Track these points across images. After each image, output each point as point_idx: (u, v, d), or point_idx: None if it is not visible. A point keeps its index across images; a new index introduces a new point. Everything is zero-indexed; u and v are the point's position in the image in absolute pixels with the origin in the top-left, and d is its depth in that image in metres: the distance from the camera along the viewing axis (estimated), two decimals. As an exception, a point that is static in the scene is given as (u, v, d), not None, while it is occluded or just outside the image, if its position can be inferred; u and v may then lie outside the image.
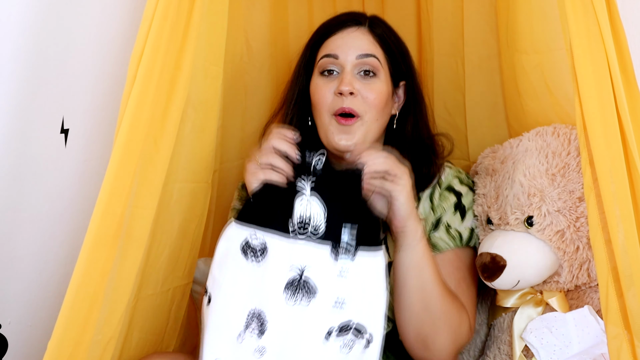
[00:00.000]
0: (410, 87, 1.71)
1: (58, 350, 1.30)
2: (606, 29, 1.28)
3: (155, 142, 1.34)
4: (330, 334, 1.35)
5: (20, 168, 1.63)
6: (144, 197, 1.34)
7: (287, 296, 1.36)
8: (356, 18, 1.67)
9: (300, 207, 1.40)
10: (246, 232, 1.39)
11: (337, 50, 1.63)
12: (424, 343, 1.52)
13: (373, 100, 1.61)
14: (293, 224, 1.39)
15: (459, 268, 1.64)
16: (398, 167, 1.46)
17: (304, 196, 1.40)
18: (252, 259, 1.39)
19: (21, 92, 1.60)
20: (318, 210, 1.39)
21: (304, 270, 1.37)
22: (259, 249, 1.39)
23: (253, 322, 1.37)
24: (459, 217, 1.66)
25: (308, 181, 1.41)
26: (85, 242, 1.30)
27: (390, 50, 1.67)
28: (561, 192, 1.58)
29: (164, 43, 1.31)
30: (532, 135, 1.68)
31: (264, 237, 1.39)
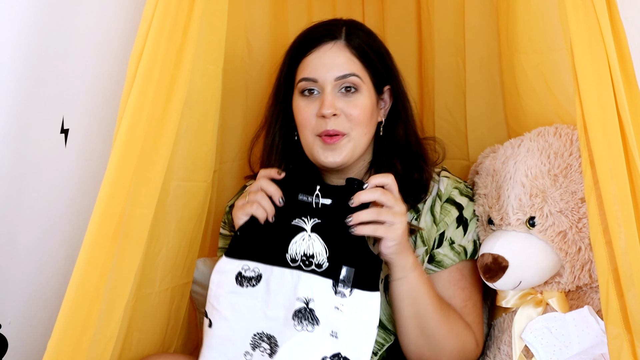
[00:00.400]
0: (395, 90, 1.69)
1: (58, 350, 1.30)
2: (606, 28, 1.28)
3: (154, 142, 1.34)
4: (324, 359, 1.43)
5: (20, 168, 1.63)
6: (143, 197, 1.34)
7: (296, 323, 1.44)
8: (332, 32, 1.63)
9: (303, 243, 1.47)
10: (238, 265, 1.49)
11: (314, 73, 1.60)
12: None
13: (357, 116, 1.60)
14: (295, 258, 1.46)
15: (465, 287, 1.65)
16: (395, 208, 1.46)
17: (305, 233, 1.47)
18: (248, 285, 1.48)
19: (21, 92, 1.60)
20: (320, 249, 1.46)
21: (309, 302, 1.44)
22: (254, 278, 1.48)
23: (262, 342, 1.46)
24: (461, 231, 1.65)
25: (310, 220, 1.47)
26: (84, 242, 1.30)
27: (370, 60, 1.64)
28: (563, 193, 1.57)
29: (163, 43, 1.31)
30: (534, 135, 1.68)
31: (257, 268, 1.48)
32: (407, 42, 2.08)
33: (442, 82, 1.98)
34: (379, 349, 1.63)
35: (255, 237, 1.49)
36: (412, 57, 2.08)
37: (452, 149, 1.97)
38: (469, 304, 1.64)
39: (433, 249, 1.64)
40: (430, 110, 2.02)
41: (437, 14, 1.95)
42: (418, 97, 2.09)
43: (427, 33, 1.99)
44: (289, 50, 1.69)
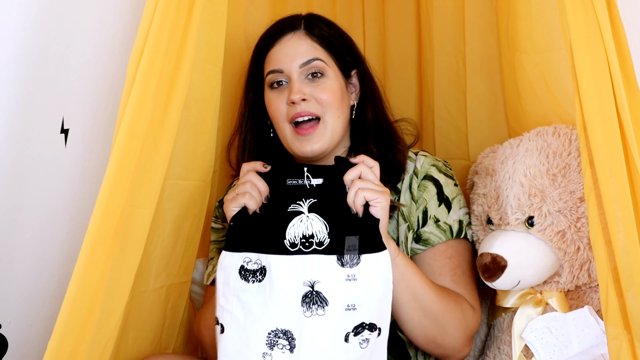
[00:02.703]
0: (361, 73, 1.71)
1: (58, 350, 1.30)
2: (606, 28, 1.28)
3: (154, 142, 1.34)
4: (347, 336, 1.42)
5: (20, 168, 1.63)
6: (143, 197, 1.34)
7: (305, 309, 1.42)
8: (291, 23, 1.67)
9: (301, 225, 1.45)
10: (239, 258, 1.46)
11: (279, 64, 1.63)
12: (435, 343, 1.57)
13: (327, 99, 1.62)
14: (294, 242, 1.45)
15: (452, 256, 1.65)
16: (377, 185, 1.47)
17: (303, 215, 1.46)
18: (254, 280, 1.45)
19: (21, 92, 1.60)
20: (320, 226, 1.45)
21: (314, 285, 1.43)
22: (258, 270, 1.45)
23: (279, 340, 1.43)
24: (444, 210, 1.66)
25: (306, 202, 1.46)
26: (85, 242, 1.30)
27: (332, 45, 1.66)
28: (562, 193, 1.57)
29: (163, 43, 1.31)
30: (533, 135, 1.68)
31: (259, 258, 1.46)
32: (407, 42, 2.08)
33: (442, 82, 1.98)
34: None
35: (251, 228, 1.47)
36: (412, 57, 2.08)
37: (452, 149, 1.97)
38: (457, 272, 1.64)
39: (418, 229, 1.65)
40: (430, 110, 2.02)
41: (436, 14, 1.95)
42: (417, 97, 2.09)
43: (426, 33, 1.99)
44: (253, 50, 1.71)
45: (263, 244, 1.46)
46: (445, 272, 1.63)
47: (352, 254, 1.43)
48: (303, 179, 1.47)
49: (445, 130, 1.99)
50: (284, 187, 1.48)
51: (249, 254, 1.46)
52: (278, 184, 1.48)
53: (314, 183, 1.47)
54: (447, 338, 1.56)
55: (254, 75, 1.70)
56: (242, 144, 1.71)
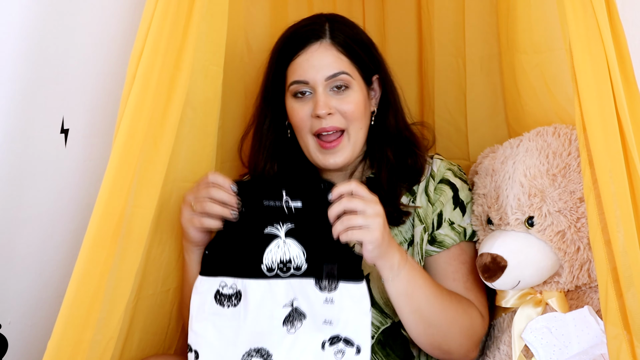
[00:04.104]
0: (382, 79, 1.72)
1: (58, 350, 1.30)
2: (606, 29, 1.28)
3: (154, 142, 1.34)
4: (324, 344, 1.43)
5: (20, 168, 1.63)
6: (143, 197, 1.34)
7: (288, 328, 1.45)
8: (316, 31, 1.65)
9: (278, 251, 1.45)
10: (215, 282, 1.46)
11: (305, 76, 1.63)
12: (440, 349, 1.57)
13: (352, 112, 1.63)
14: (271, 267, 1.44)
15: (466, 262, 1.66)
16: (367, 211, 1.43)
17: (280, 240, 1.45)
18: (229, 305, 1.46)
19: (21, 92, 1.60)
20: (298, 252, 1.45)
21: (293, 302, 1.45)
22: (233, 295, 1.46)
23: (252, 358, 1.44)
24: (459, 213, 1.67)
25: (283, 226, 1.45)
26: (84, 242, 1.30)
27: (357, 54, 1.66)
28: (562, 193, 1.57)
29: (163, 43, 1.31)
30: (533, 135, 1.68)
31: (234, 283, 1.46)
32: (407, 42, 2.08)
33: (442, 82, 1.98)
34: (375, 331, 1.65)
35: (227, 252, 1.46)
36: (412, 57, 2.08)
37: (452, 149, 1.97)
38: (470, 278, 1.65)
39: (433, 231, 1.65)
40: (430, 110, 2.02)
41: (437, 14, 1.95)
42: (418, 97, 2.09)
43: (427, 33, 1.99)
44: (275, 50, 1.71)
45: (239, 268, 1.46)
46: (458, 277, 1.63)
47: (330, 280, 1.43)
48: (281, 201, 1.45)
49: (445, 130, 1.99)
50: (261, 208, 1.46)
51: (224, 279, 1.46)
52: (254, 203, 1.46)
53: (293, 206, 1.45)
54: (452, 345, 1.57)
55: (275, 79, 1.70)
56: (258, 146, 1.71)
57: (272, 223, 1.45)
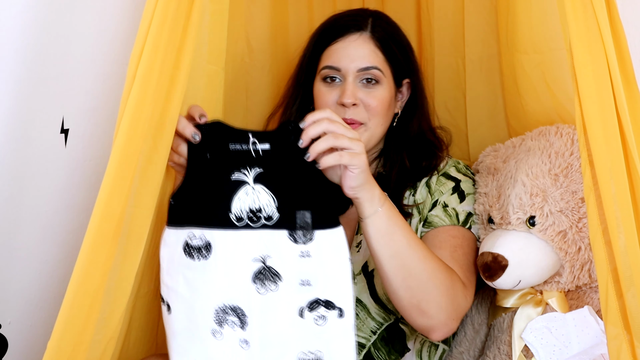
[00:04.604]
0: (414, 83, 1.73)
1: (58, 350, 1.29)
2: (606, 29, 1.27)
3: (154, 142, 1.33)
4: (302, 311, 1.36)
5: (20, 168, 1.63)
6: (143, 197, 1.34)
7: (257, 287, 1.36)
8: (358, 22, 1.67)
9: (247, 198, 1.37)
10: (183, 234, 1.38)
11: (338, 63, 1.65)
12: (419, 309, 1.48)
13: (375, 107, 1.64)
14: (240, 216, 1.36)
15: (456, 237, 1.63)
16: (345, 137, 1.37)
17: (248, 186, 1.37)
18: (199, 258, 1.38)
19: (21, 92, 1.60)
20: (268, 199, 1.36)
21: (265, 260, 1.36)
22: (203, 247, 1.38)
23: (228, 317, 1.37)
24: (456, 199, 1.67)
25: (251, 171, 1.37)
26: (84, 242, 1.30)
27: (393, 54, 1.67)
28: (564, 193, 1.57)
29: (163, 42, 1.30)
30: (535, 134, 1.68)
31: (203, 234, 1.37)
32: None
33: (442, 82, 1.98)
34: (378, 328, 1.65)
35: (193, 201, 1.37)
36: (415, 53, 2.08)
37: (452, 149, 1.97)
38: (458, 251, 1.61)
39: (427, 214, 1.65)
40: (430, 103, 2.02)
41: (437, 14, 1.95)
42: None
43: (426, 33, 1.99)
44: (314, 35, 1.73)
45: (207, 218, 1.37)
46: (445, 247, 1.59)
47: (305, 230, 1.36)
48: (247, 144, 1.37)
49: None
50: (227, 152, 1.37)
51: (192, 230, 1.37)
52: (219, 149, 1.38)
53: (260, 149, 1.37)
54: (432, 306, 1.48)
55: (309, 62, 1.71)
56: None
57: (239, 168, 1.37)
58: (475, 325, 1.76)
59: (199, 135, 1.37)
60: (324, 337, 1.36)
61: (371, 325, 1.65)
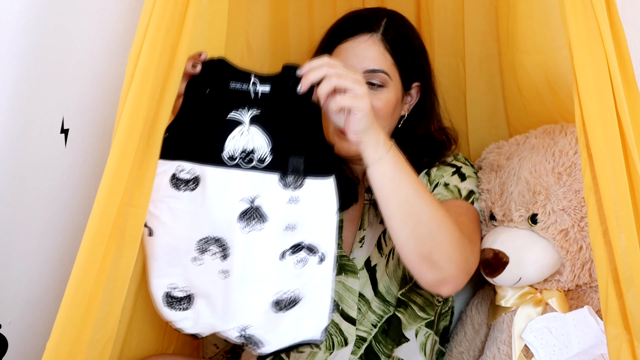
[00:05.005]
0: (424, 87, 1.71)
1: (57, 350, 1.29)
2: (606, 29, 1.27)
3: (147, 142, 1.33)
4: (284, 254, 1.37)
5: (20, 168, 1.63)
6: (139, 197, 1.34)
7: (242, 225, 1.36)
8: (370, 23, 1.65)
9: (241, 139, 1.36)
10: (172, 166, 1.38)
11: (346, 62, 1.60)
12: (430, 261, 1.43)
13: (379, 109, 1.61)
14: (233, 155, 1.36)
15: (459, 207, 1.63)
16: (348, 77, 1.35)
17: (243, 127, 1.36)
18: (185, 189, 1.38)
19: (21, 93, 1.60)
20: (262, 142, 1.36)
21: (254, 200, 1.36)
22: (191, 180, 1.38)
23: (210, 246, 1.38)
24: (457, 178, 1.66)
25: (247, 112, 1.37)
26: (83, 242, 1.30)
27: (402, 57, 1.65)
28: (567, 191, 1.57)
29: (160, 42, 1.30)
30: (539, 132, 1.68)
31: (193, 168, 1.38)
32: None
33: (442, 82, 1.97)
34: (379, 321, 1.66)
35: (187, 135, 1.37)
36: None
37: (452, 149, 1.98)
38: (463, 218, 1.60)
39: None
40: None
41: (436, 14, 1.95)
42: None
43: (426, 33, 1.99)
44: (328, 31, 1.71)
45: (199, 153, 1.37)
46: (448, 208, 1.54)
47: (296, 175, 1.35)
48: (248, 84, 1.36)
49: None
50: (226, 90, 1.36)
51: (182, 163, 1.38)
52: (219, 86, 1.37)
53: (260, 90, 1.36)
54: (442, 256, 1.43)
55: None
56: None
57: (236, 108, 1.36)
58: (475, 325, 1.76)
59: (198, 66, 1.37)
60: (302, 279, 1.38)
61: (372, 319, 1.66)
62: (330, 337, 1.65)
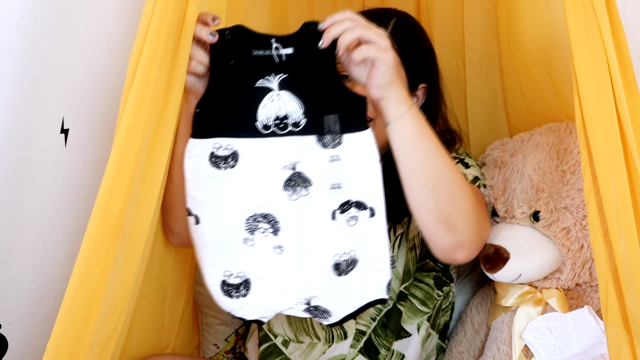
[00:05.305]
0: (430, 88, 1.70)
1: (57, 351, 1.29)
2: (606, 29, 1.27)
3: (152, 142, 1.34)
4: (334, 213, 1.37)
5: (20, 168, 1.63)
6: (143, 198, 1.34)
7: (289, 194, 1.36)
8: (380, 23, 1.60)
9: (273, 105, 1.35)
10: (208, 144, 1.37)
11: None
12: (448, 223, 1.43)
13: None
14: (267, 124, 1.35)
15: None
16: (372, 30, 1.34)
17: (273, 93, 1.35)
18: (225, 167, 1.37)
19: (21, 92, 1.60)
20: (294, 106, 1.35)
21: (295, 166, 1.35)
22: (229, 156, 1.36)
23: (259, 224, 1.36)
24: (461, 166, 1.66)
25: (275, 77, 1.35)
26: (84, 242, 1.30)
27: (410, 57, 1.64)
28: (570, 190, 1.58)
29: (161, 42, 1.30)
30: (545, 130, 1.69)
31: (229, 144, 1.36)
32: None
33: (442, 82, 1.98)
34: (377, 314, 1.66)
35: (219, 110, 1.36)
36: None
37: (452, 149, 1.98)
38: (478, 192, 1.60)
39: None
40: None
41: (437, 14, 1.95)
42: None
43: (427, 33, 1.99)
44: None
45: (233, 127, 1.35)
46: None
47: (333, 134, 1.34)
48: (270, 50, 1.34)
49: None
50: (250, 59, 1.35)
51: (218, 140, 1.36)
52: (243, 55, 1.35)
53: (283, 53, 1.34)
54: (461, 219, 1.43)
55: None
56: None
57: (263, 75, 1.35)
58: (475, 325, 1.76)
59: (215, 36, 1.35)
60: (357, 237, 1.37)
61: (371, 312, 1.66)
62: (329, 330, 1.66)
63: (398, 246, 1.66)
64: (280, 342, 1.71)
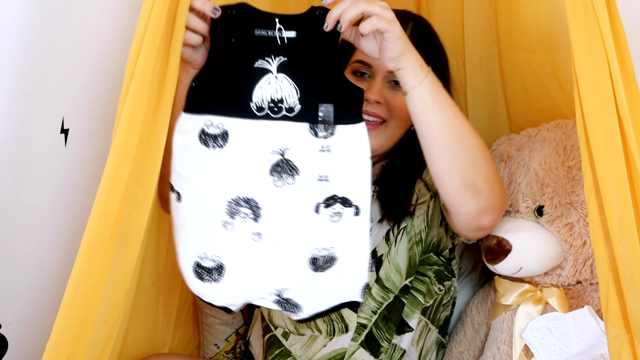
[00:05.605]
0: None
1: (56, 351, 1.29)
2: (606, 29, 1.27)
3: (148, 142, 1.33)
4: (318, 207, 1.34)
5: (20, 168, 1.63)
6: (139, 198, 1.34)
7: (275, 179, 1.34)
8: None
9: (269, 88, 1.33)
10: (200, 121, 1.34)
11: (371, 60, 1.61)
12: (474, 187, 1.42)
13: (399, 110, 1.62)
14: (261, 106, 1.33)
15: None
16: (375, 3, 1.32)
17: (271, 75, 1.33)
18: (214, 146, 1.35)
19: (21, 92, 1.60)
20: (290, 90, 1.33)
21: (284, 152, 1.33)
22: (220, 135, 1.34)
23: (241, 208, 1.35)
24: None
25: (275, 59, 1.33)
26: (83, 243, 1.30)
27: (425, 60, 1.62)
28: (575, 186, 1.58)
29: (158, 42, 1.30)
30: (552, 126, 1.69)
31: (221, 122, 1.34)
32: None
33: (442, 83, 1.98)
34: (378, 307, 1.66)
35: (214, 87, 1.34)
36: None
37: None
38: None
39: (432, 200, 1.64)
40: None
41: (436, 14, 1.95)
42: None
43: (427, 33, 1.99)
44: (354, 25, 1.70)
45: (227, 105, 1.33)
46: None
47: (327, 124, 1.32)
48: (274, 30, 1.32)
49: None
50: (252, 38, 1.32)
51: (210, 117, 1.34)
52: (245, 34, 1.33)
53: (286, 36, 1.32)
54: (485, 182, 1.42)
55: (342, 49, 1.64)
56: None
57: (263, 56, 1.32)
58: (475, 325, 1.76)
59: (218, 11, 1.33)
60: (338, 234, 1.35)
61: (372, 306, 1.66)
62: (331, 322, 1.66)
63: (400, 240, 1.66)
64: (280, 333, 1.71)
